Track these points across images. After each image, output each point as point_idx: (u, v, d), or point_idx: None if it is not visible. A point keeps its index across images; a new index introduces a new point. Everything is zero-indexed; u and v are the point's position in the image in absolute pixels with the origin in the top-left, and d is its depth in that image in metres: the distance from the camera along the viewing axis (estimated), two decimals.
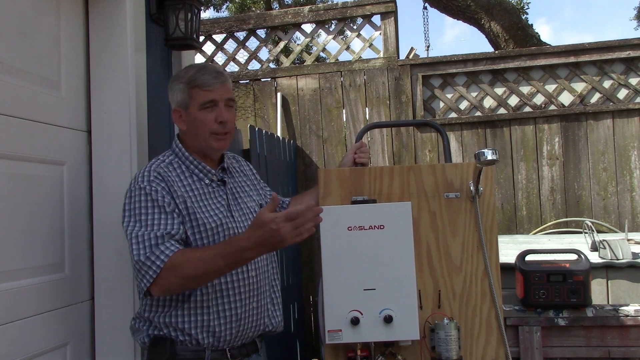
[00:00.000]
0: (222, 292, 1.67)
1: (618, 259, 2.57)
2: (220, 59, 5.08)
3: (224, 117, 1.71)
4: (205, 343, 1.65)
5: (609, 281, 2.61)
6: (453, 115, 4.59)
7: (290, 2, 12.15)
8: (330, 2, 10.84)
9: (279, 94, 4.78)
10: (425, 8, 8.35)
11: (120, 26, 2.06)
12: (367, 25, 4.85)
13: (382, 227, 1.80)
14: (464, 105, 4.60)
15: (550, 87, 4.48)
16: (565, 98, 4.46)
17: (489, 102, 4.57)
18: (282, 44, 5.09)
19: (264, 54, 5.91)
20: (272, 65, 5.21)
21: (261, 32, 5.03)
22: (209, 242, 1.66)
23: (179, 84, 1.75)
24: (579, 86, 4.44)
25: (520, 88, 4.52)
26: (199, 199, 1.70)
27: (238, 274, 1.69)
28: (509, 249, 2.88)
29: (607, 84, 4.40)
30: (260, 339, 1.82)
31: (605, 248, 2.61)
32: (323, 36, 5.24)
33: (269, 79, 4.89)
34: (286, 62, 4.99)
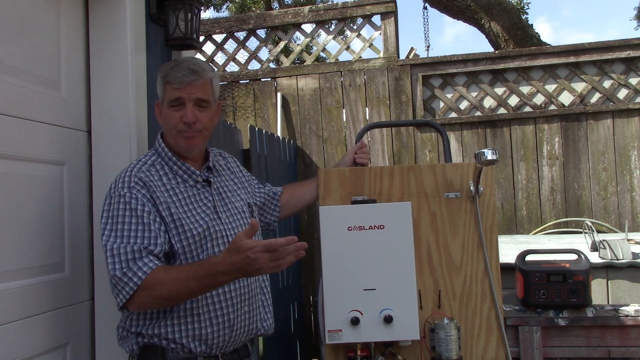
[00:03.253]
0: (213, 297, 1.62)
1: (618, 259, 2.57)
2: (220, 59, 5.08)
3: (189, 118, 1.63)
4: (198, 351, 1.60)
5: (609, 281, 2.61)
6: (453, 115, 4.59)
7: (290, 2, 12.15)
8: (330, 2, 10.84)
9: (279, 94, 4.78)
10: (425, 8, 8.34)
11: (120, 26, 2.06)
12: (367, 25, 4.85)
13: (382, 227, 1.80)
14: (464, 105, 4.60)
15: (550, 87, 4.48)
16: (565, 98, 4.46)
17: (489, 102, 4.57)
18: (282, 44, 5.08)
19: (264, 54, 5.91)
20: (272, 65, 5.21)
21: (261, 32, 5.03)
22: (195, 249, 1.61)
23: (158, 78, 1.70)
24: (579, 86, 4.44)
25: (520, 88, 4.51)
26: (183, 204, 1.64)
27: None
28: (509, 249, 2.88)
29: (607, 84, 4.40)
30: (251, 342, 1.79)
31: (605, 248, 2.61)
32: (323, 36, 5.24)
33: (269, 79, 4.89)
34: (286, 62, 4.99)
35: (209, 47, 5.70)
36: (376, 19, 4.78)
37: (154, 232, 1.55)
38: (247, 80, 4.89)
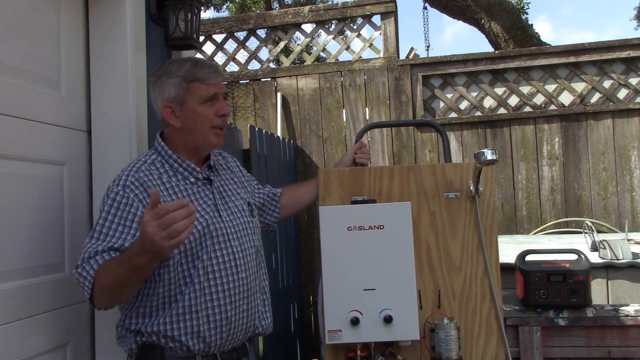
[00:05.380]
0: (212, 295, 1.62)
1: (618, 259, 2.57)
2: (220, 59, 5.08)
3: (226, 110, 1.71)
4: (196, 349, 1.60)
5: (609, 281, 2.60)
6: (453, 115, 4.59)
7: (290, 2, 12.15)
8: (330, 2, 10.84)
9: (279, 94, 4.79)
10: (425, 8, 8.38)
11: (120, 26, 2.06)
12: (367, 25, 4.85)
13: (382, 227, 1.80)
14: (464, 105, 4.60)
15: (550, 87, 4.48)
16: (565, 98, 4.46)
17: (489, 102, 4.57)
18: (282, 44, 5.09)
19: (264, 54, 5.92)
20: (272, 65, 5.21)
21: (261, 32, 5.03)
22: (195, 247, 1.61)
23: (172, 79, 1.66)
24: (579, 86, 4.44)
25: (520, 88, 4.52)
26: None
27: (227, 276, 1.64)
28: (509, 249, 2.88)
29: (607, 84, 4.40)
30: (249, 341, 1.79)
31: (605, 248, 2.61)
32: (323, 36, 5.24)
33: (269, 79, 4.89)
34: (286, 62, 4.99)
35: (209, 47, 5.72)
36: (376, 19, 4.78)
37: (131, 235, 1.54)
38: (247, 80, 4.89)
